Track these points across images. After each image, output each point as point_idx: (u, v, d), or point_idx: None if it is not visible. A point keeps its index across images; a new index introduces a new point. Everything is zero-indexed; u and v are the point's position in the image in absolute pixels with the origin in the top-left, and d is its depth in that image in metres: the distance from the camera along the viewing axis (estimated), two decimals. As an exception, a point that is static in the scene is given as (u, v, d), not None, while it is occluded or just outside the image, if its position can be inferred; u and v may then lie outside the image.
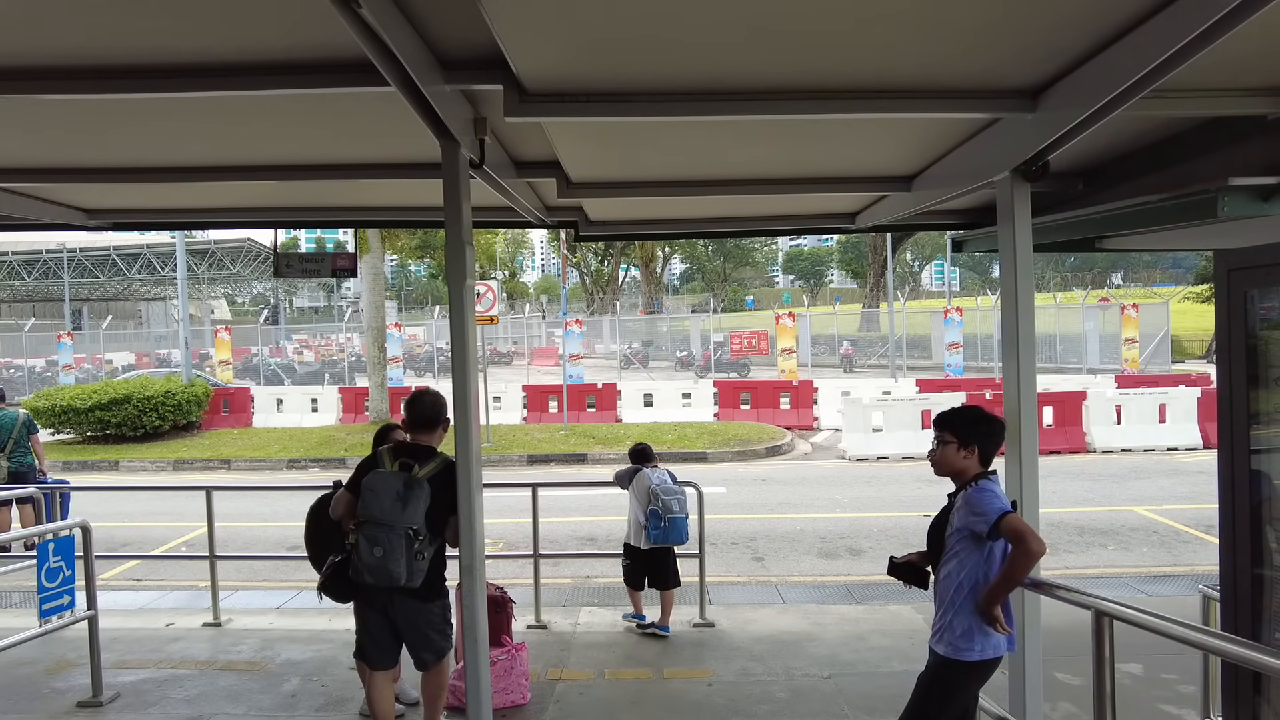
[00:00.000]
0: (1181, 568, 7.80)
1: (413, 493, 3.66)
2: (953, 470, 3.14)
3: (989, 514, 2.92)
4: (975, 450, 3.10)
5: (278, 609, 6.63)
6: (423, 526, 3.66)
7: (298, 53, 2.99)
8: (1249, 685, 2.34)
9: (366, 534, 3.66)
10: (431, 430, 3.97)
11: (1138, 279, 58.27)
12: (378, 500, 3.67)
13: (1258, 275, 2.21)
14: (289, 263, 6.15)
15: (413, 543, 3.61)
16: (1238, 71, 3.14)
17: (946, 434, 3.15)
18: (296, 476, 14.62)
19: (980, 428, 3.12)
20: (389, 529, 3.61)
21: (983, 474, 3.09)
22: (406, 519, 3.63)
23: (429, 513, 3.71)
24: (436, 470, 3.79)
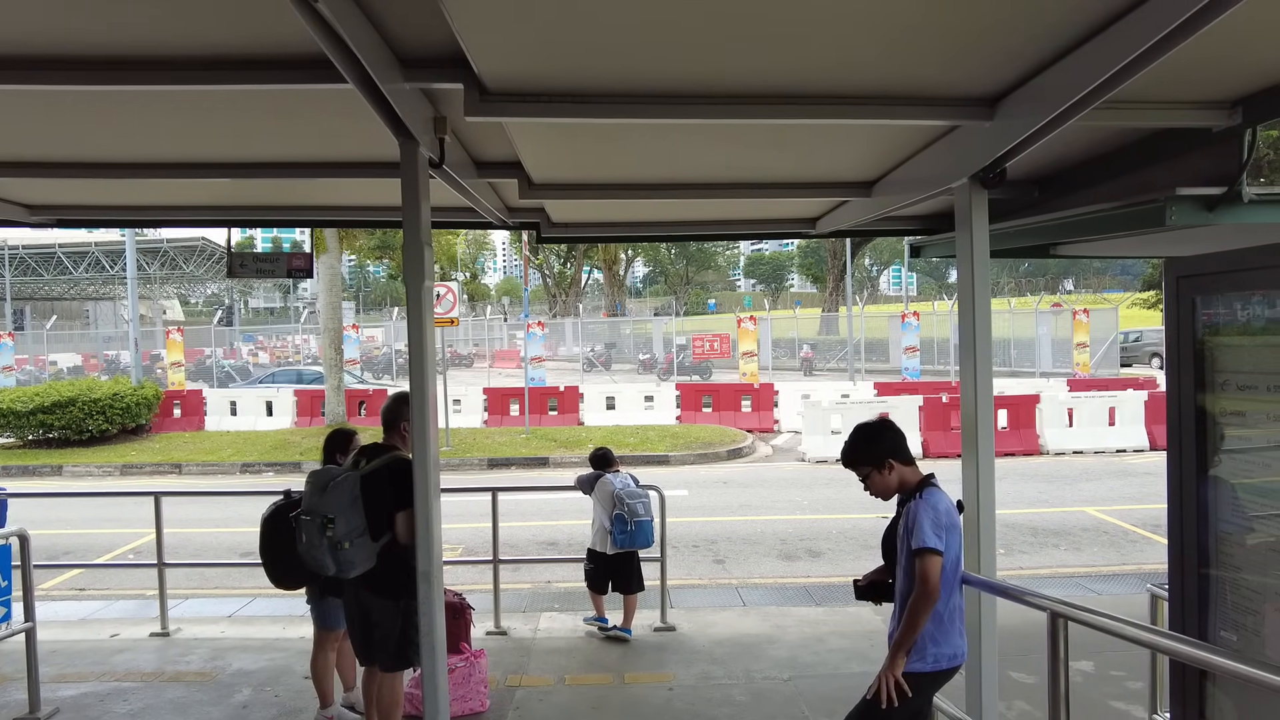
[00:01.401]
0: (1130, 566, 8.01)
1: (335, 483, 3.73)
2: (892, 490, 3.16)
3: (915, 540, 2.95)
4: (892, 463, 3.12)
5: (229, 617, 6.45)
6: (344, 516, 3.69)
7: (252, 48, 2.91)
8: (1195, 683, 2.39)
9: (297, 523, 3.81)
10: (388, 430, 4.07)
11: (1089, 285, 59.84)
12: (308, 490, 3.81)
13: (1204, 283, 2.27)
14: (243, 263, 6.02)
15: (324, 530, 3.66)
16: (1185, 85, 3.22)
17: (862, 468, 3.17)
18: (250, 481, 14.30)
19: (878, 442, 3.16)
20: (309, 517, 3.71)
21: (926, 481, 3.12)
22: (322, 507, 3.69)
23: (368, 508, 3.75)
24: (377, 466, 3.86)
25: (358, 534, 3.72)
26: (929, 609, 2.90)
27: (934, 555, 2.90)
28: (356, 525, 3.72)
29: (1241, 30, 2.69)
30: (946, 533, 2.96)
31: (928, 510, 2.97)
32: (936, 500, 3.03)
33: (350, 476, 3.78)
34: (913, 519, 2.98)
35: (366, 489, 3.77)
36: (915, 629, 2.93)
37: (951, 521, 3.02)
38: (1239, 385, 2.27)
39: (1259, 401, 2.20)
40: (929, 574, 2.89)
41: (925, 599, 2.89)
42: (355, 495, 3.74)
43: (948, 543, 2.96)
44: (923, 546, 2.91)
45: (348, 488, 3.74)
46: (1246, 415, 2.26)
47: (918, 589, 2.90)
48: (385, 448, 4.00)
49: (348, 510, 3.71)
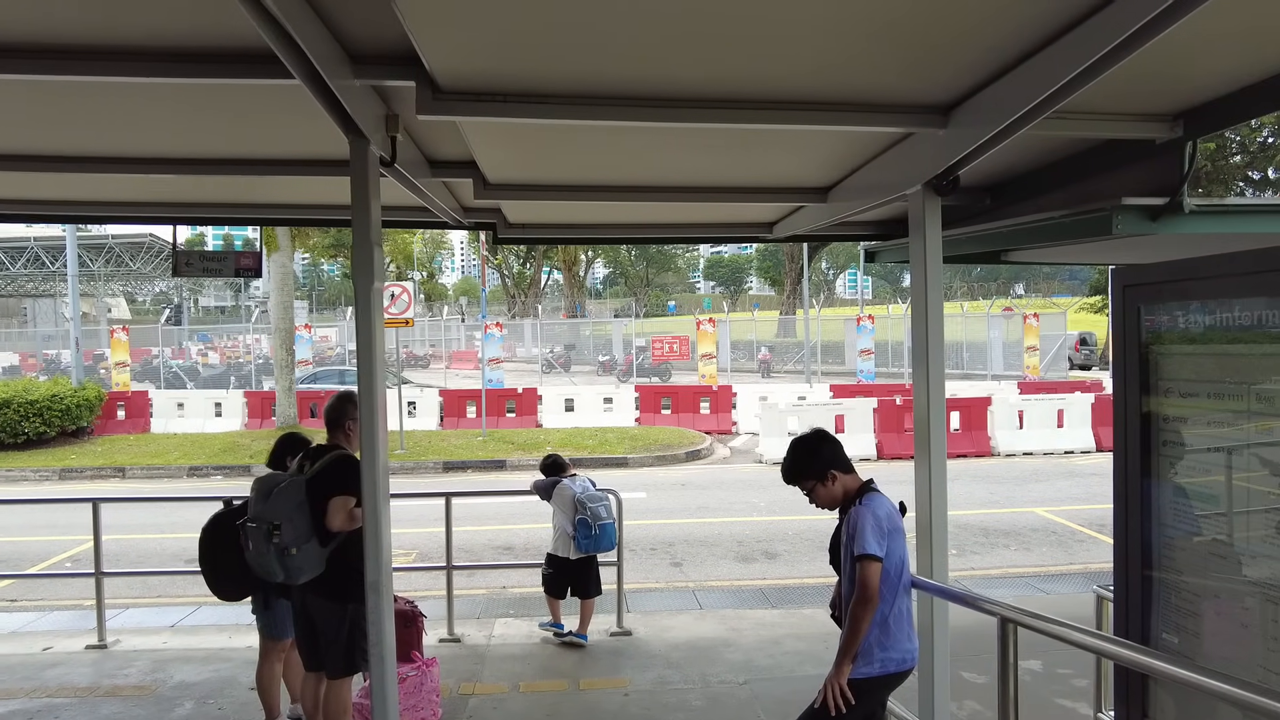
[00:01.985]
0: (1077, 566, 8.19)
1: (280, 489, 3.68)
2: (837, 499, 3.17)
3: (856, 546, 2.96)
4: (831, 473, 3.13)
5: (173, 627, 6.25)
6: (290, 521, 3.63)
7: (196, 40, 2.81)
8: (1138, 683, 2.43)
9: (243, 530, 3.73)
10: (333, 429, 4.00)
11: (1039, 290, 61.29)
12: (253, 497, 3.75)
13: (1148, 292, 2.31)
14: (189, 261, 5.86)
15: (270, 537, 3.61)
16: (1130, 98, 3.29)
17: (805, 482, 3.18)
18: (198, 485, 13.93)
19: (817, 455, 3.17)
20: (255, 524, 3.65)
21: (866, 486, 3.14)
22: (267, 514, 3.64)
23: (315, 513, 3.69)
24: (320, 468, 3.80)
25: (305, 539, 3.66)
26: (870, 615, 2.92)
27: (874, 561, 2.92)
28: (303, 531, 3.67)
29: (1184, 46, 2.75)
30: (888, 537, 2.98)
31: (869, 516, 2.99)
32: (877, 505, 3.04)
33: (295, 481, 3.72)
34: (854, 525, 3.00)
35: (313, 493, 3.71)
36: (858, 635, 2.95)
37: (894, 525, 3.04)
38: (1181, 392, 2.31)
39: (1200, 408, 2.25)
40: (869, 580, 2.91)
41: (865, 605, 2.91)
42: (301, 500, 3.68)
43: (890, 548, 2.98)
44: (863, 553, 2.92)
45: (293, 493, 3.68)
46: (1188, 421, 2.31)
47: (858, 594, 2.92)
48: (329, 448, 3.93)
49: (294, 515, 3.66)
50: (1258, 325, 2.02)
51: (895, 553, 3.00)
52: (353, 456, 3.93)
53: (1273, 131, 26.44)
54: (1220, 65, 3.01)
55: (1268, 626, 2.01)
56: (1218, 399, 2.17)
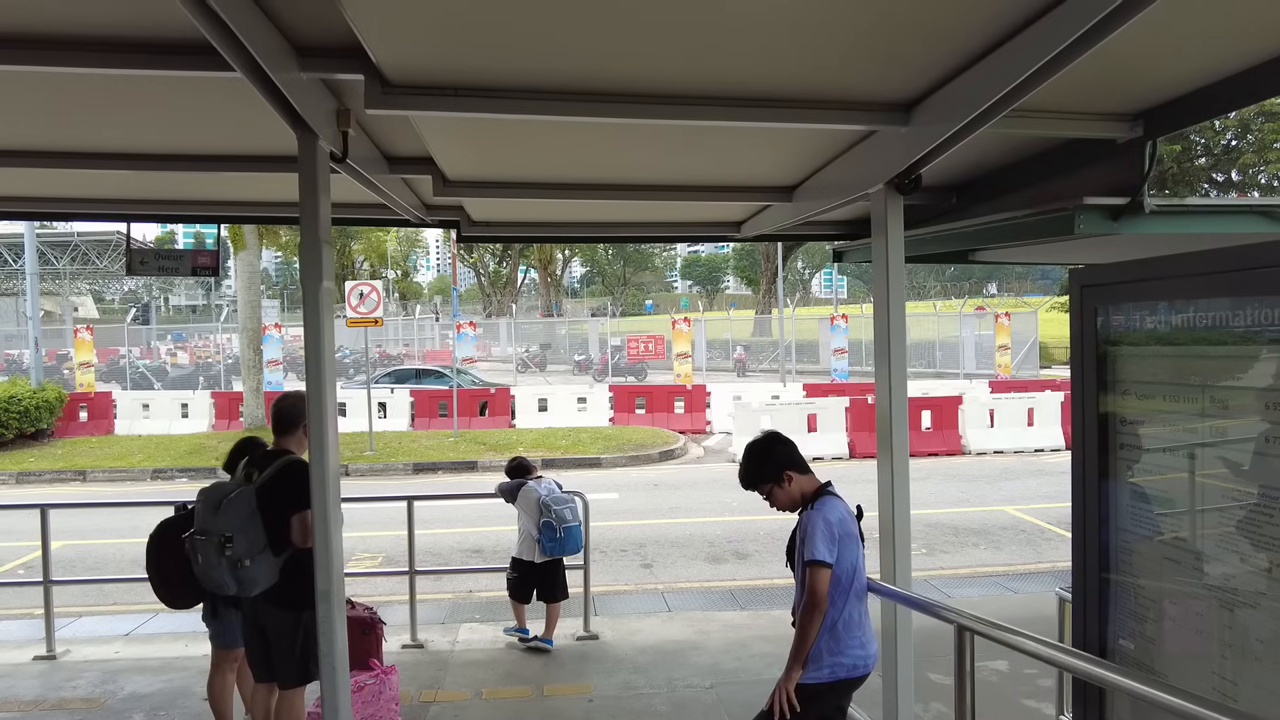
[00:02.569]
0: (1045, 564, 8.24)
1: (230, 499, 3.55)
2: (796, 501, 3.14)
3: (806, 552, 2.93)
4: (787, 475, 3.10)
5: (126, 636, 6.08)
6: (242, 533, 3.52)
7: (131, 29, 2.71)
8: (1096, 690, 2.40)
9: (191, 543, 3.59)
10: (286, 433, 3.86)
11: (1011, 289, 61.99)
12: (201, 509, 3.60)
13: (1105, 292, 2.28)
14: (144, 259, 5.71)
15: (223, 549, 3.48)
16: (1091, 97, 3.28)
17: (762, 486, 3.15)
18: (161, 488, 13.65)
19: (770, 458, 3.13)
20: (204, 537, 3.52)
21: (822, 489, 3.10)
22: (217, 526, 3.51)
23: (268, 522, 3.57)
24: (271, 475, 3.66)
25: (258, 550, 3.55)
26: (818, 621, 2.88)
27: (823, 568, 2.89)
28: (257, 541, 3.56)
29: (1142, 46, 2.74)
30: (839, 543, 2.94)
31: (820, 521, 2.95)
32: (830, 510, 3.00)
33: (245, 491, 3.60)
34: (805, 530, 2.95)
35: (264, 502, 3.60)
36: (806, 640, 2.91)
37: (846, 531, 2.99)
38: (1138, 393, 2.28)
39: (1157, 409, 2.22)
40: (817, 586, 2.87)
41: (813, 611, 2.87)
42: (252, 509, 3.56)
43: (841, 553, 2.94)
44: (812, 559, 2.90)
45: (243, 503, 3.56)
46: (1145, 422, 2.28)
47: (806, 600, 2.89)
48: (277, 453, 3.80)
49: (246, 526, 3.55)
50: (1212, 326, 1.99)
51: (846, 558, 2.96)
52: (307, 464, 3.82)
53: (1236, 135, 26.95)
54: (1178, 66, 3.00)
55: (1222, 632, 1.98)
56: (1174, 400, 2.14)
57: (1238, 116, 25.68)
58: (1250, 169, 27.03)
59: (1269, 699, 1.85)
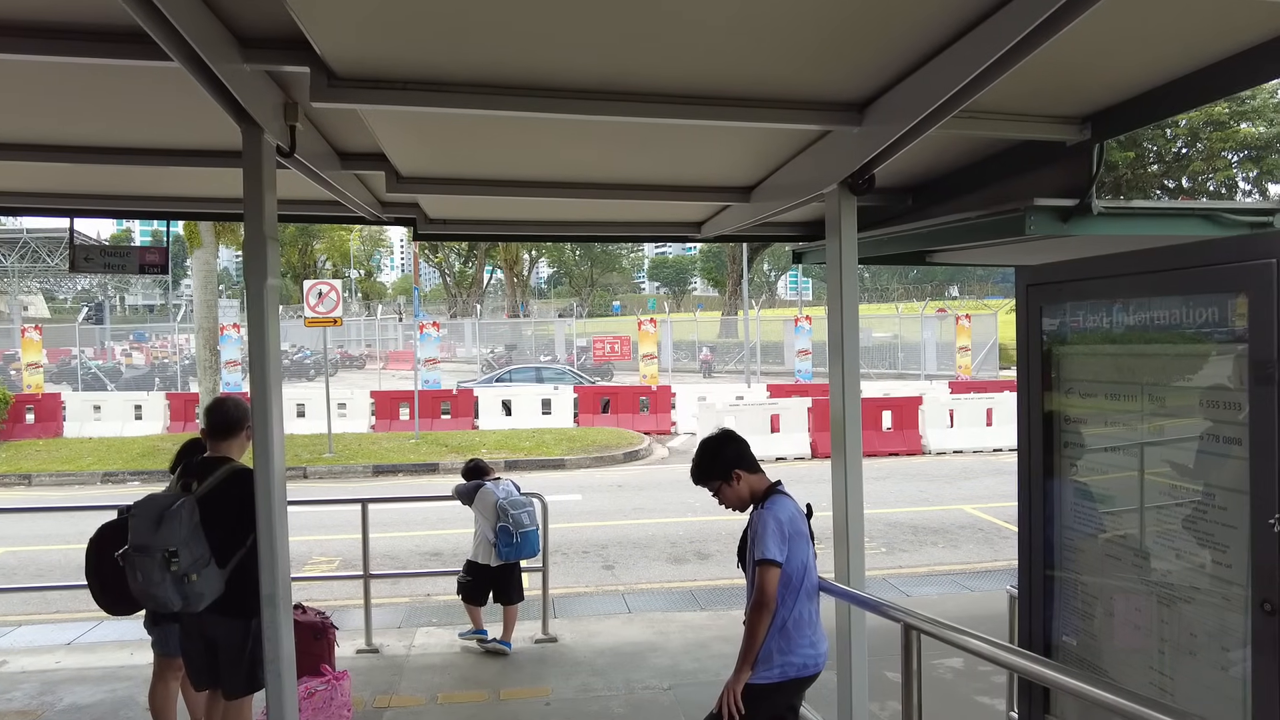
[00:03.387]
0: (1002, 562, 8.35)
1: (171, 512, 3.36)
2: (745, 500, 3.13)
3: (756, 551, 2.92)
4: (738, 473, 3.09)
5: (68, 645, 5.89)
6: (187, 547, 3.35)
7: (60, 14, 2.61)
8: (1040, 687, 2.42)
9: (127, 560, 3.38)
10: (225, 436, 3.67)
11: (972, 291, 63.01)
12: (137, 524, 3.38)
13: (1049, 291, 2.30)
14: (88, 256, 5.56)
15: (168, 565, 3.31)
16: (1041, 99, 3.32)
17: (711, 483, 3.14)
18: (112, 492, 13.26)
19: (720, 455, 3.13)
20: (144, 553, 3.33)
21: (772, 489, 3.09)
22: (160, 541, 3.32)
23: (211, 534, 3.41)
24: (214, 484, 3.51)
25: (204, 563, 3.38)
26: (767, 620, 2.88)
27: (773, 567, 2.88)
28: (201, 554, 3.38)
29: (1089, 49, 2.77)
30: (790, 542, 2.94)
31: (770, 520, 2.94)
32: (780, 509, 2.99)
33: (185, 502, 3.41)
34: (757, 530, 2.95)
35: (206, 512, 3.44)
36: (755, 640, 2.90)
37: (796, 529, 2.99)
38: (1081, 392, 2.30)
39: (1098, 408, 2.24)
40: (766, 585, 2.87)
41: (762, 610, 2.87)
42: (195, 522, 3.39)
43: (791, 551, 2.94)
44: (763, 558, 2.88)
45: (185, 515, 3.37)
46: (1088, 421, 2.30)
47: (755, 599, 2.89)
48: (216, 461, 3.63)
49: (190, 540, 3.36)
50: (1151, 325, 2.02)
51: (796, 557, 2.96)
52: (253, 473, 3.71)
53: (1186, 143, 27.72)
54: (1124, 69, 3.05)
55: (1159, 627, 2.00)
56: (1114, 399, 2.16)
57: (1187, 125, 26.45)
58: (1199, 176, 27.82)
59: (1204, 693, 1.87)
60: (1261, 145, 26.46)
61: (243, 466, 3.60)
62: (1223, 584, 1.81)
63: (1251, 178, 27.73)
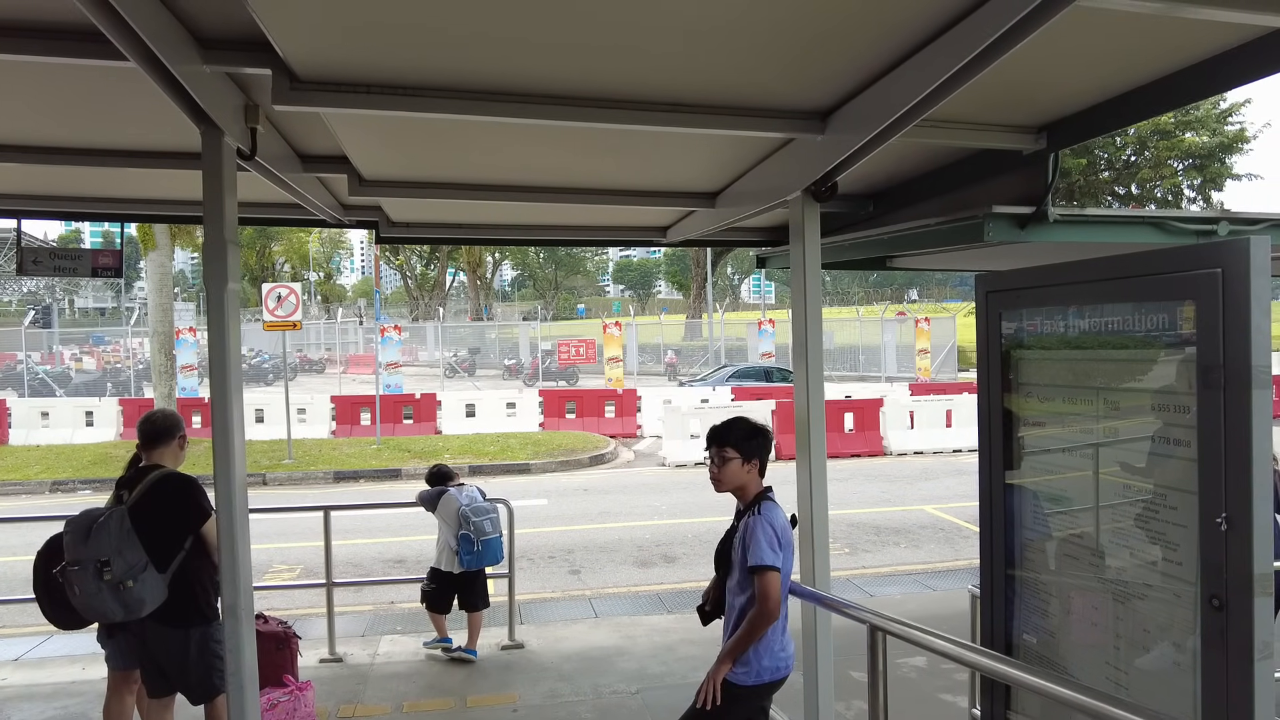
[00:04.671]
0: (963, 562, 8.50)
1: (99, 523, 3.40)
2: (736, 485, 3.11)
3: (752, 557, 2.93)
4: (757, 463, 3.11)
5: (16, 661, 5.70)
6: (119, 554, 3.38)
7: (12, 10, 2.54)
8: (1001, 685, 2.48)
9: (64, 576, 3.41)
10: (156, 445, 3.72)
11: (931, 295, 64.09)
12: (70, 539, 3.42)
13: (1008, 298, 2.36)
14: (37, 259, 5.43)
15: (101, 575, 3.33)
16: (997, 110, 3.40)
17: (728, 450, 3.08)
18: (62, 501, 12.88)
19: (758, 440, 3.13)
20: (77, 567, 3.36)
21: (764, 494, 3.11)
22: (90, 553, 3.36)
23: (146, 540, 3.44)
24: (142, 491, 3.54)
25: (140, 569, 3.41)
26: (769, 624, 2.89)
27: (773, 572, 2.89)
28: (136, 561, 3.41)
29: (1044, 63, 2.85)
30: (783, 549, 2.97)
31: (764, 527, 2.95)
32: (773, 517, 3.01)
33: (115, 512, 3.46)
34: (749, 535, 2.96)
35: (138, 520, 3.46)
36: (749, 642, 2.93)
37: (787, 539, 3.02)
38: (1039, 395, 2.37)
39: (1055, 410, 2.30)
40: (769, 591, 2.87)
41: (766, 617, 2.88)
42: (126, 528, 3.42)
43: (783, 559, 2.97)
44: (761, 564, 2.88)
45: (114, 524, 3.42)
46: (1045, 423, 2.37)
47: (758, 606, 2.88)
48: (147, 470, 3.65)
49: (122, 546, 3.40)
50: (1104, 331, 2.08)
51: (784, 566, 2.99)
52: (183, 475, 3.69)
53: (1135, 151, 28.55)
54: (1077, 82, 3.14)
55: (1115, 624, 2.07)
56: (1070, 402, 2.22)
57: (1136, 134, 27.26)
58: (1148, 183, 28.66)
59: (1156, 686, 1.94)
60: (1204, 154, 27.36)
61: (170, 470, 3.66)
62: (1174, 580, 1.88)
63: (1196, 185, 28.63)
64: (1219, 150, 27.21)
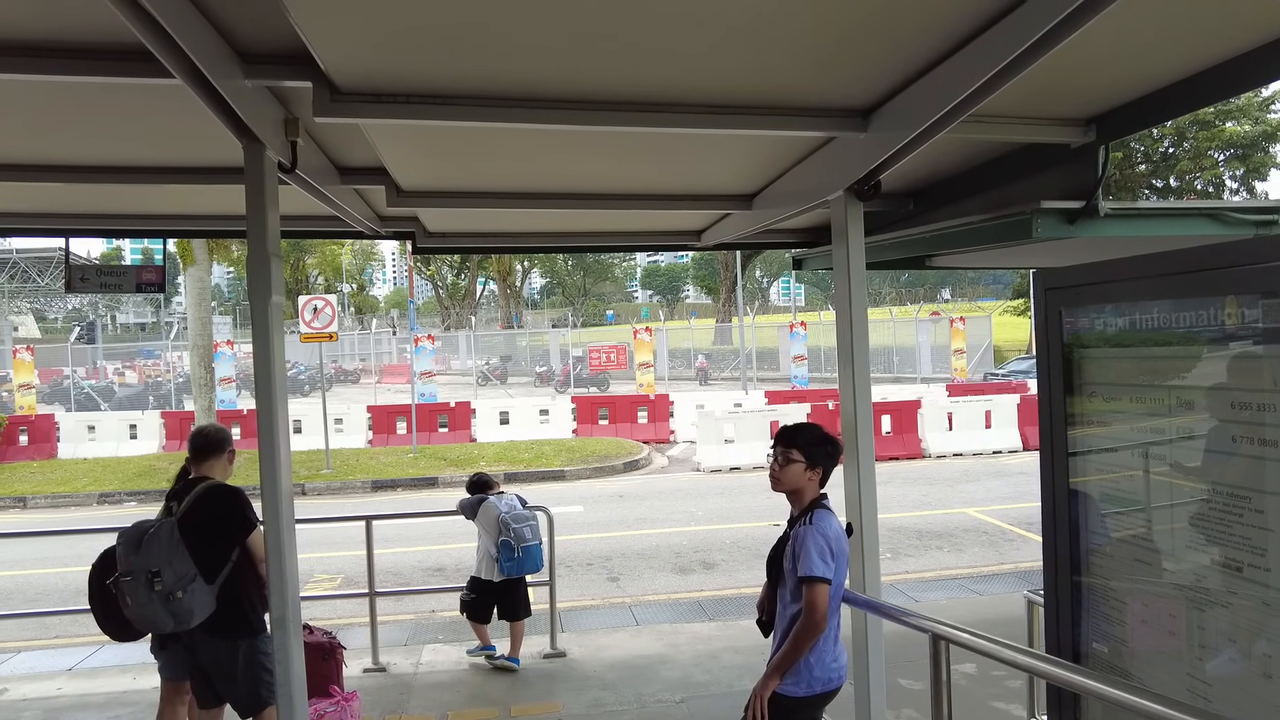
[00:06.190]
0: (1007, 565, 8.33)
1: (150, 535, 3.48)
2: (794, 488, 3.05)
3: (802, 568, 2.87)
4: (820, 472, 3.04)
5: (70, 671, 5.80)
6: (169, 565, 3.45)
7: (62, 33, 2.58)
8: (1071, 695, 2.39)
9: (117, 587, 3.48)
10: (206, 458, 3.81)
11: (964, 294, 63.20)
12: (123, 550, 3.51)
13: (1070, 295, 2.28)
14: (84, 276, 5.53)
15: (152, 585, 3.41)
16: (1046, 102, 3.31)
17: (794, 452, 3.04)
18: (109, 513, 13.14)
19: (826, 448, 3.07)
20: (130, 578, 3.43)
21: (819, 501, 3.04)
22: (141, 564, 3.44)
23: (195, 551, 3.50)
24: (190, 503, 3.61)
25: (189, 580, 3.47)
26: (815, 638, 2.84)
27: (822, 584, 2.83)
28: (186, 572, 3.48)
29: (1094, 52, 2.77)
30: (835, 559, 2.90)
31: (816, 538, 2.89)
32: (826, 526, 2.94)
33: (165, 524, 3.54)
34: (800, 545, 2.90)
35: (187, 532, 3.53)
36: (797, 655, 2.87)
37: (840, 548, 2.95)
38: (1105, 395, 2.28)
39: (1123, 410, 2.22)
40: (817, 603, 2.81)
41: (812, 629, 2.82)
42: (176, 539, 3.49)
43: (835, 569, 2.90)
44: (811, 575, 2.82)
45: (165, 535, 3.49)
46: (1112, 423, 2.28)
47: (805, 618, 2.82)
48: (197, 482, 3.73)
49: (172, 557, 3.47)
50: (1174, 326, 2.00)
51: (838, 576, 2.93)
52: (229, 486, 3.76)
53: (1173, 143, 27.91)
54: (1128, 72, 3.05)
55: (1194, 633, 1.98)
56: (1139, 401, 2.14)
57: (1174, 125, 26.63)
58: (1187, 175, 27.99)
59: (1242, 697, 1.85)
60: (1247, 144, 26.65)
61: (218, 483, 3.73)
62: (1260, 588, 1.79)
63: (1238, 176, 27.90)
64: (1262, 139, 26.47)
